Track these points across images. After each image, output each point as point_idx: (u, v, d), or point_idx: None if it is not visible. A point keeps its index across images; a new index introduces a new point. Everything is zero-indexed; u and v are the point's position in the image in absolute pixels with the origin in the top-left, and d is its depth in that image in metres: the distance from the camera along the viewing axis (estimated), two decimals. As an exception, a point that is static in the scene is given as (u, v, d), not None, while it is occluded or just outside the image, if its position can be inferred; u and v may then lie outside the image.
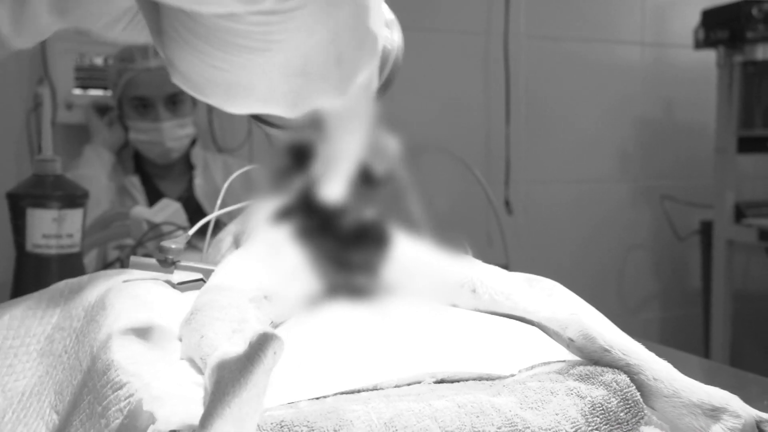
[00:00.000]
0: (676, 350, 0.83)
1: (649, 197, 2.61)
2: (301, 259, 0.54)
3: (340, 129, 0.45)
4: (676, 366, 0.51)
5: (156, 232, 1.18)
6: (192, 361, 0.47)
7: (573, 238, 2.49)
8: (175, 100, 1.70)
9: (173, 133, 1.70)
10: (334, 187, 0.46)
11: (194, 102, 1.77)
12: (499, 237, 2.11)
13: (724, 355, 2.27)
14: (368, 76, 0.43)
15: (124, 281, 0.62)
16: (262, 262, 0.54)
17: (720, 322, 2.28)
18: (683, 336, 2.68)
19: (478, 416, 0.43)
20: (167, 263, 0.64)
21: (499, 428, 0.43)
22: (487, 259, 0.63)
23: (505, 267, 0.62)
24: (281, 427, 0.40)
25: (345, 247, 0.53)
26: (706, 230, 2.46)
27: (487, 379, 0.49)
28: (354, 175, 0.52)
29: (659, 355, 0.51)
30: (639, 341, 0.52)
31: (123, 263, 1.19)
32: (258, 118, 0.51)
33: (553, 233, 2.45)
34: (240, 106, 0.41)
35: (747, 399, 0.50)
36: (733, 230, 2.26)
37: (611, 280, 2.58)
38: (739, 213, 2.28)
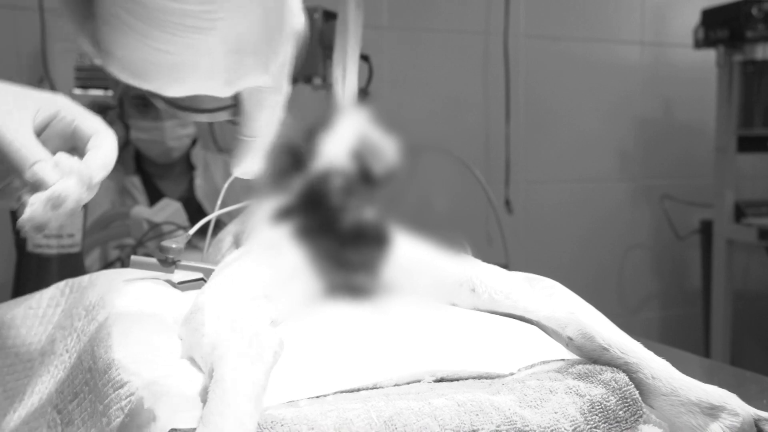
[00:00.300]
0: (675, 349, 0.84)
1: (649, 197, 2.62)
2: (301, 259, 0.54)
3: (259, 105, 0.48)
4: (675, 365, 0.51)
5: (156, 231, 1.18)
6: (192, 360, 0.47)
7: (573, 238, 2.49)
8: None
9: (174, 132, 1.70)
10: (252, 162, 0.50)
11: None
12: (499, 236, 2.11)
13: (724, 355, 2.27)
14: (286, 55, 0.47)
15: (125, 281, 0.63)
16: (262, 261, 0.55)
17: (720, 322, 2.29)
18: (683, 335, 2.68)
19: (477, 414, 0.43)
20: (168, 263, 0.64)
21: (498, 426, 0.43)
22: (487, 259, 0.63)
23: (505, 266, 0.63)
24: (281, 425, 0.40)
25: (345, 247, 0.53)
26: (706, 229, 2.46)
27: (487, 377, 0.49)
28: (351, 173, 0.52)
29: (659, 354, 0.51)
30: (639, 340, 0.53)
31: (124, 263, 1.19)
32: (173, 104, 0.53)
33: (553, 233, 2.46)
34: (182, 87, 0.44)
35: (746, 397, 0.50)
36: (733, 229, 2.26)
37: (611, 279, 2.58)
38: (739, 212, 2.28)
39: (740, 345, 2.44)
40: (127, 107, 1.72)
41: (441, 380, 0.48)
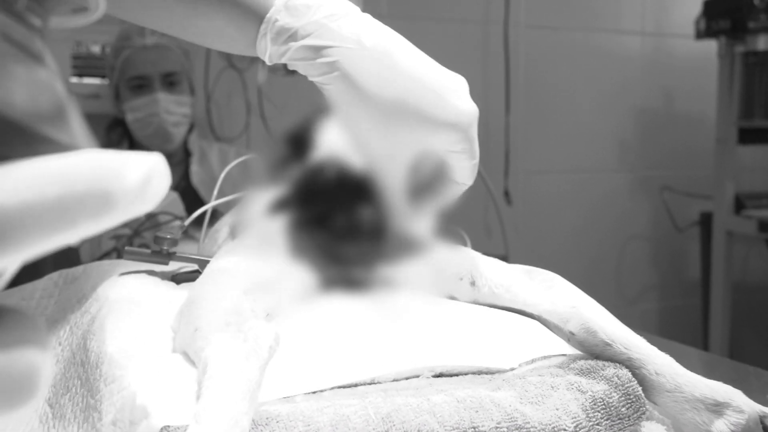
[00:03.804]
0: (675, 343, 0.83)
1: (648, 188, 2.61)
2: (297, 251, 0.53)
3: None
4: (675, 359, 0.50)
5: (152, 221, 1.17)
6: (186, 355, 0.46)
7: (572, 229, 2.48)
8: (172, 81, 1.70)
9: (169, 107, 1.69)
10: None
11: (192, 88, 1.77)
12: (498, 227, 2.10)
13: (723, 347, 2.27)
14: None
15: (120, 273, 0.62)
16: (257, 253, 0.53)
17: (719, 314, 2.28)
18: (682, 327, 2.68)
19: (477, 411, 0.42)
20: (162, 254, 0.63)
21: (498, 423, 0.42)
22: (487, 250, 0.62)
23: (505, 258, 0.62)
24: (277, 422, 0.39)
25: (342, 239, 0.52)
26: (705, 221, 2.45)
27: (487, 373, 0.48)
28: (349, 165, 0.51)
29: (659, 348, 0.51)
30: (637, 333, 0.52)
31: (120, 253, 1.18)
32: None
33: (553, 223, 2.45)
34: None
35: (748, 392, 0.49)
36: (733, 221, 2.25)
37: (610, 270, 2.57)
38: (739, 204, 2.27)
39: (739, 337, 2.43)
40: (123, 91, 1.71)
41: (440, 375, 0.47)
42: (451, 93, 0.53)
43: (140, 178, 0.22)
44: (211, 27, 0.58)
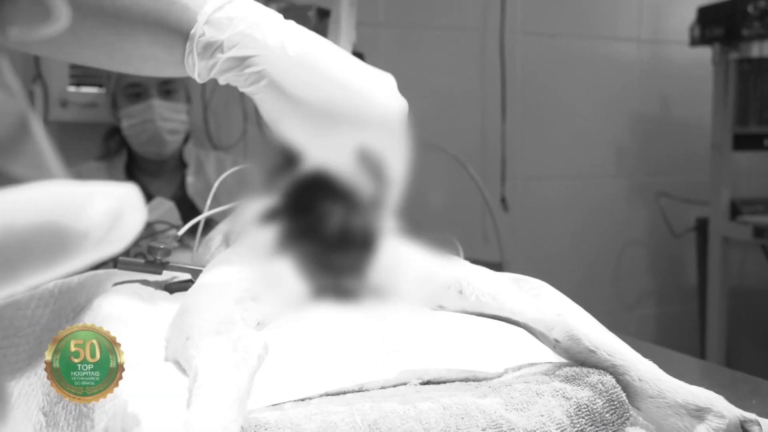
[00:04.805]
0: (668, 350, 0.84)
1: (644, 194, 2.61)
2: (288, 261, 0.54)
3: None
4: (667, 365, 0.51)
5: (149, 230, 1.18)
6: (177, 363, 0.47)
7: (569, 235, 2.49)
8: (168, 89, 1.71)
9: (164, 113, 1.69)
10: None
11: (188, 97, 1.77)
12: (495, 234, 2.11)
13: (719, 352, 2.27)
14: None
15: (114, 283, 0.62)
16: (249, 262, 0.54)
17: (715, 319, 2.29)
18: (679, 332, 2.68)
19: (463, 418, 0.43)
20: (156, 264, 0.64)
21: (484, 430, 0.43)
22: (483, 257, 0.63)
23: (501, 264, 0.62)
24: (265, 429, 0.40)
25: (332, 249, 0.53)
26: (701, 227, 2.46)
27: (474, 380, 0.49)
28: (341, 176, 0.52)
29: (653, 355, 0.51)
30: (634, 338, 0.53)
31: (115, 263, 1.19)
32: None
33: (549, 230, 2.45)
34: None
35: (736, 397, 0.50)
36: (729, 227, 2.26)
37: (607, 276, 2.58)
38: (735, 210, 2.28)
39: (735, 342, 2.44)
40: (119, 99, 1.72)
41: (427, 383, 0.48)
42: (377, 92, 0.54)
43: (106, 215, 0.19)
44: (137, 49, 0.58)
